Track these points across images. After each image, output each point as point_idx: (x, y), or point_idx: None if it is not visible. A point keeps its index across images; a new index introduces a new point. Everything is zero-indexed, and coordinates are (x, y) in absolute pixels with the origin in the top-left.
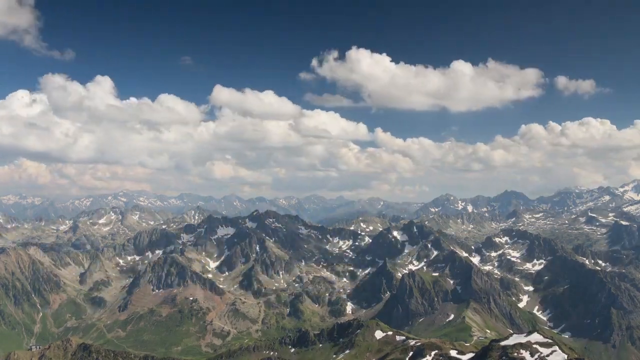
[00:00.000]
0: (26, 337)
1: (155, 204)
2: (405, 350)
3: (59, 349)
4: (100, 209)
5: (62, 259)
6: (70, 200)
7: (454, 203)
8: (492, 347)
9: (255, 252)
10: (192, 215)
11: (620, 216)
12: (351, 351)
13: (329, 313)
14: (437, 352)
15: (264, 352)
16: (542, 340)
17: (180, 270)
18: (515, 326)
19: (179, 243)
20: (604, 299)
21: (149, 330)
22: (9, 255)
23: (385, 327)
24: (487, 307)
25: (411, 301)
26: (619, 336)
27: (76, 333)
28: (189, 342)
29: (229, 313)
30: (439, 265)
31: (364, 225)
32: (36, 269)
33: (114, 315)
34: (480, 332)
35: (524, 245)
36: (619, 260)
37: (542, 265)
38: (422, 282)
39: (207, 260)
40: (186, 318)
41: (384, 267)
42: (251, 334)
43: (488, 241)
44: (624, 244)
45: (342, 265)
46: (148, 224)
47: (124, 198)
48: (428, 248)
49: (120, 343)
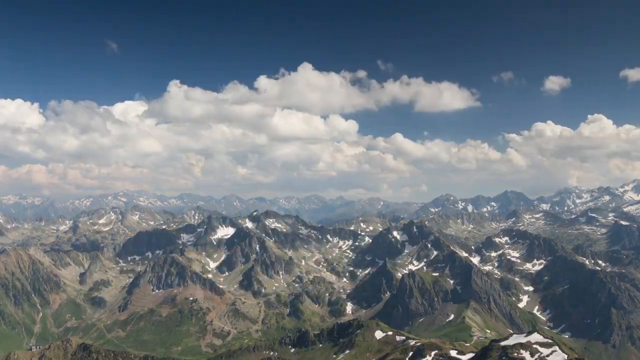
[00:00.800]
0: (26, 337)
1: (155, 204)
2: (405, 350)
3: (59, 349)
4: (100, 209)
5: (62, 259)
6: (70, 200)
7: (454, 203)
8: (492, 347)
9: (255, 252)
10: (192, 215)
11: (620, 216)
12: (351, 351)
13: (329, 313)
14: (437, 352)
15: (264, 352)
16: (542, 340)
17: (180, 270)
18: (515, 326)
19: (179, 243)
20: (604, 299)
21: (149, 330)
22: (9, 255)
23: (385, 327)
24: (487, 307)
25: (411, 301)
26: (619, 336)
27: (76, 333)
28: (189, 342)
29: (229, 313)
30: (439, 265)
31: (364, 225)
32: (36, 269)
33: (114, 315)
34: (480, 332)
35: (524, 245)
36: (619, 260)
37: (542, 266)
38: (422, 282)
39: (207, 260)
40: (186, 318)
41: (384, 267)
42: (251, 334)
43: (488, 241)
44: (624, 244)
45: (342, 265)
46: (148, 224)
47: (124, 198)
48: (428, 248)
49: (120, 343)
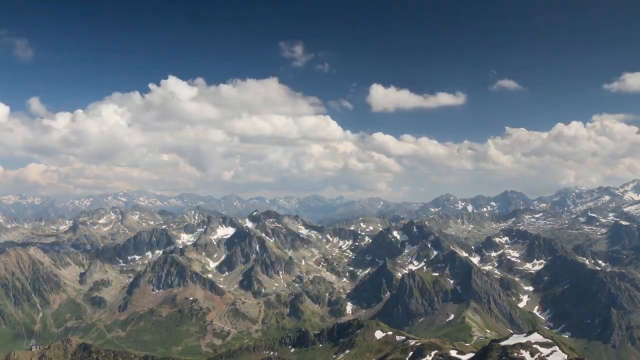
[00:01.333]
0: (26, 337)
1: (155, 204)
2: (405, 350)
3: (59, 349)
4: (100, 209)
5: (62, 259)
6: (70, 200)
7: (454, 203)
8: (492, 347)
9: (255, 252)
10: (192, 215)
11: (620, 216)
12: (351, 351)
13: (329, 313)
14: (437, 352)
15: (264, 352)
16: (542, 340)
17: (180, 270)
18: (515, 326)
19: (179, 243)
20: (604, 299)
21: (149, 330)
22: (9, 255)
23: (385, 327)
24: (487, 307)
25: (411, 301)
26: (619, 336)
27: (76, 333)
28: (189, 342)
29: (229, 313)
30: (439, 265)
31: (364, 225)
32: (36, 269)
33: (114, 315)
34: (480, 332)
35: (523, 245)
36: (619, 260)
37: (542, 265)
38: (422, 282)
39: (207, 260)
40: (186, 318)
41: (384, 267)
42: (251, 334)
43: (488, 241)
44: (624, 244)
45: (342, 265)
46: (148, 224)
47: (124, 198)
48: (428, 248)
49: (120, 343)
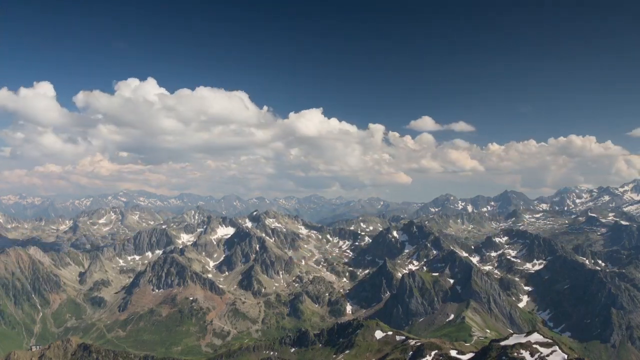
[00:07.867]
0: (26, 337)
1: (155, 204)
2: (405, 350)
3: (59, 349)
4: (100, 209)
5: (62, 259)
6: (70, 200)
7: (453, 203)
8: (492, 347)
9: (255, 252)
10: (192, 215)
11: (620, 216)
12: (351, 351)
13: (329, 313)
14: (437, 352)
15: (264, 352)
16: (542, 340)
17: (180, 270)
18: (515, 326)
19: (179, 243)
20: (604, 299)
21: (149, 330)
22: (9, 255)
23: (385, 327)
24: (487, 307)
25: (411, 301)
26: (619, 336)
27: (76, 333)
28: (189, 342)
29: (229, 313)
30: (439, 265)
31: (364, 225)
32: (36, 269)
33: (114, 315)
34: (480, 332)
35: (523, 245)
36: (618, 260)
37: (541, 265)
38: (422, 282)
39: (207, 260)
40: (186, 318)
41: (384, 267)
42: (251, 334)
43: (488, 241)
44: (624, 244)
45: (342, 265)
46: (148, 224)
47: (124, 198)
48: (428, 248)
49: (120, 343)
